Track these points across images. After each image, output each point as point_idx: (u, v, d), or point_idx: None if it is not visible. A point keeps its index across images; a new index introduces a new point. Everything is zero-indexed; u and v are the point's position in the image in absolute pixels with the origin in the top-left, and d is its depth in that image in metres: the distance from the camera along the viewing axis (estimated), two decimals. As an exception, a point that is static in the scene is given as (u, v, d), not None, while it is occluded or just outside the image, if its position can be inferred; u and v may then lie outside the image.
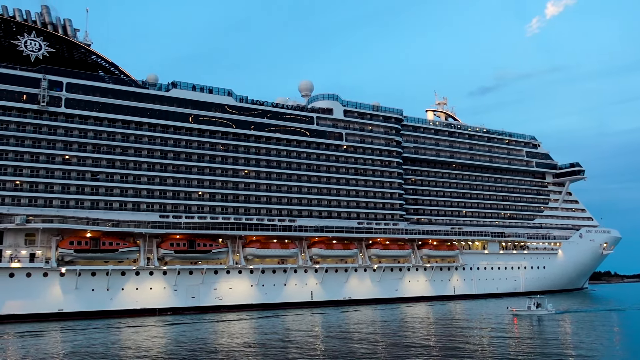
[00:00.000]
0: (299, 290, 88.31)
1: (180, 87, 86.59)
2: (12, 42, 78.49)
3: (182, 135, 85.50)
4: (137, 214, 79.51)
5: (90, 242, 73.57)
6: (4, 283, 69.05)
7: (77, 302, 72.70)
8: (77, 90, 79.06)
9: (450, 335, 48.13)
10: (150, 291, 77.53)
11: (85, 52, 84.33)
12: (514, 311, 69.16)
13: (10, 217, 70.92)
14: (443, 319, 64.78)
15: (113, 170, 79.73)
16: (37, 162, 75.44)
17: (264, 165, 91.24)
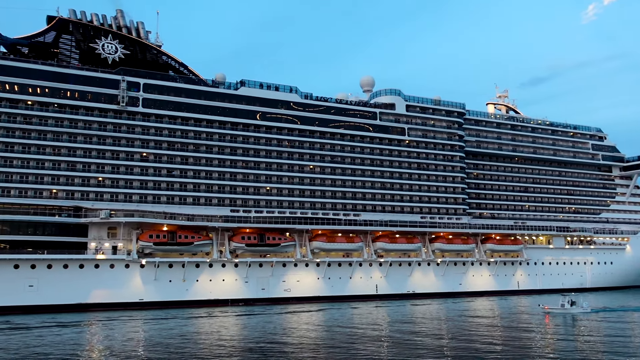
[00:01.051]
0: (364, 283, 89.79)
1: (248, 86, 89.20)
2: (91, 45, 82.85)
3: (250, 132, 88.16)
4: (209, 208, 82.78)
5: (168, 235, 77.24)
6: (90, 274, 73.48)
7: (156, 293, 76.52)
8: (153, 91, 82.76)
9: (466, 333, 47.27)
10: (223, 282, 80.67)
11: (156, 53, 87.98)
12: (546, 309, 66.81)
13: (94, 211, 75.34)
14: (471, 315, 63.94)
15: (186, 167, 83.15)
16: (118, 159, 79.63)
17: (329, 160, 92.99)
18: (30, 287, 70.38)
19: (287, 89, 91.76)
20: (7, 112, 74.75)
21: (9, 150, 74.23)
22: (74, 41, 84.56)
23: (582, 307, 65.89)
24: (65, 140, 77.20)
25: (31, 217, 71.95)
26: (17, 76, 75.74)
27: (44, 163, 75.75)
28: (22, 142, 74.98)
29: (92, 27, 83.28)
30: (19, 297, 69.53)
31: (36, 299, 70.14)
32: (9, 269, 69.71)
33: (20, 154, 74.67)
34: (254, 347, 40.32)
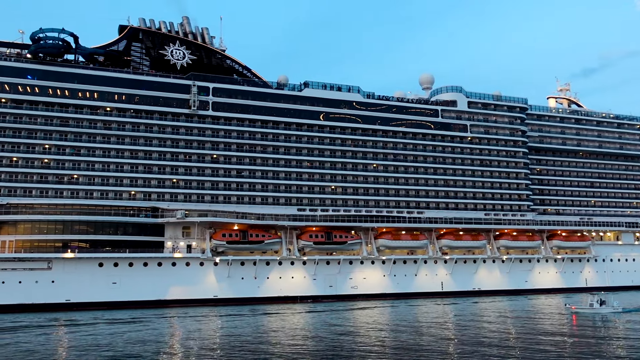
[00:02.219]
0: (429, 281, 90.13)
1: (312, 87, 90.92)
2: (161, 52, 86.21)
3: (315, 132, 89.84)
4: (277, 207, 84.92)
5: (240, 234, 79.77)
6: (168, 271, 76.78)
7: (230, 289, 79.19)
8: (222, 94, 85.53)
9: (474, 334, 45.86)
10: (292, 280, 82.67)
11: (221, 57, 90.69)
12: (574, 309, 63.56)
13: (170, 212, 78.60)
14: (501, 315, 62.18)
15: (255, 167, 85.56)
16: (190, 161, 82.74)
17: (391, 158, 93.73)
18: (114, 284, 74.15)
19: (349, 89, 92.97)
20: (89, 119, 78.87)
21: (90, 155, 78.34)
22: (143, 48, 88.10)
23: (612, 306, 62.35)
24: (141, 144, 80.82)
25: (113, 217, 75.79)
26: (96, 84, 79.82)
27: (123, 166, 79.55)
28: (102, 146, 79.02)
29: (160, 35, 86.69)
30: (103, 293, 73.39)
31: (119, 295, 73.83)
32: (94, 267, 73.67)
33: (101, 157, 78.67)
34: (327, 343, 41.46)
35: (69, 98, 78.39)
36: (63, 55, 79.87)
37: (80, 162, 77.58)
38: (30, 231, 72.68)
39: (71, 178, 76.91)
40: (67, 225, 73.95)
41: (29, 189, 74.73)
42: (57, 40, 77.99)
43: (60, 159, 76.78)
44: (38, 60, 78.03)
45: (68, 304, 71.48)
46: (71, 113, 78.32)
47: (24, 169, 75.05)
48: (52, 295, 71.23)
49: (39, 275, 71.36)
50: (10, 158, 74.85)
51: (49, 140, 76.89)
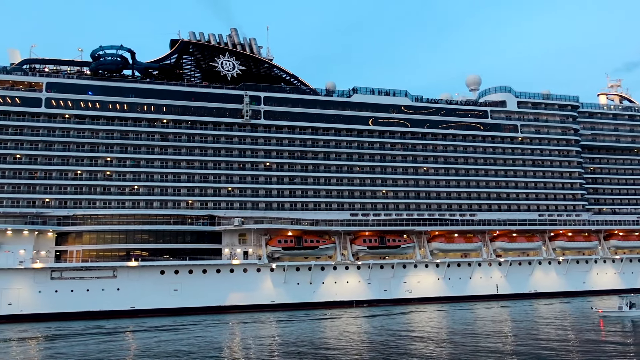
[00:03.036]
0: (484, 283, 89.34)
1: (360, 92, 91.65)
2: (211, 64, 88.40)
3: (364, 138, 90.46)
4: (330, 213, 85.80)
5: (295, 240, 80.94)
6: (226, 278, 78.50)
7: (286, 295, 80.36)
8: (273, 103, 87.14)
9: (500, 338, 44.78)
10: (347, 284, 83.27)
11: (269, 66, 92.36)
12: (600, 312, 59.96)
13: (227, 219, 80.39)
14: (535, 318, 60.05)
15: (307, 174, 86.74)
16: (244, 169, 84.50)
17: (441, 161, 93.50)
18: (175, 290, 76.29)
19: (398, 93, 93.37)
20: (147, 131, 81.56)
21: (149, 166, 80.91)
22: (194, 61, 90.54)
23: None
24: (197, 154, 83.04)
25: (172, 226, 78.06)
26: (152, 97, 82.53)
27: (180, 176, 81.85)
28: (160, 157, 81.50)
29: (210, 47, 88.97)
30: (166, 300, 75.59)
31: (180, 302, 75.93)
32: (156, 274, 76.00)
33: (159, 168, 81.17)
34: (388, 347, 41.65)
35: (127, 112, 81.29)
36: (121, 70, 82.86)
37: (140, 173, 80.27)
38: (96, 241, 75.59)
39: (132, 189, 79.63)
40: (130, 235, 76.64)
41: (93, 201, 77.66)
42: (115, 57, 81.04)
43: (121, 170, 79.62)
44: (98, 76, 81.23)
45: (133, 310, 73.91)
46: (130, 126, 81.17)
47: (88, 181, 78.10)
48: (117, 303, 73.83)
49: (105, 284, 74.09)
50: (74, 171, 78.04)
51: (111, 153, 79.83)
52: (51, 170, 77.06)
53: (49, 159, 77.49)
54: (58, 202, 76.19)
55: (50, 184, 76.48)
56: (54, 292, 72.34)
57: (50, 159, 77.51)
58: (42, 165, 76.89)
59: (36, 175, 76.56)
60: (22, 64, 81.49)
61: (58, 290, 72.48)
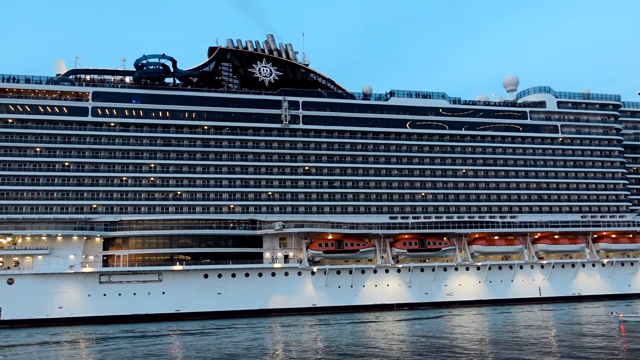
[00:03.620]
0: (526, 286, 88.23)
1: (398, 95, 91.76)
2: (249, 70, 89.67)
3: (402, 141, 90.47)
4: (370, 216, 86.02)
5: (335, 243, 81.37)
6: (268, 281, 79.37)
7: (327, 298, 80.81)
8: (311, 108, 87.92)
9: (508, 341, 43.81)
10: (388, 287, 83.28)
11: (305, 71, 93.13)
12: (621, 317, 58.22)
13: (268, 223, 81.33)
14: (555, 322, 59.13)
15: (345, 178, 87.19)
16: (284, 174, 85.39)
17: (480, 163, 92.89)
18: (219, 294, 77.46)
19: (435, 96, 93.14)
20: (189, 138, 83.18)
21: (192, 172, 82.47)
22: (231, 67, 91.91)
23: None
24: (238, 159, 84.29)
25: (214, 230, 79.31)
26: (193, 104, 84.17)
27: (221, 181, 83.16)
28: (202, 163, 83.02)
29: (248, 54, 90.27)
30: (209, 303, 76.81)
31: (224, 305, 77.05)
32: (200, 278, 77.32)
33: (201, 174, 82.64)
34: (435, 350, 41.42)
35: (169, 119, 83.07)
36: (163, 79, 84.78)
37: (182, 179, 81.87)
38: (141, 246, 77.32)
39: (175, 194, 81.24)
40: (173, 240, 78.21)
41: (138, 206, 79.52)
42: (158, 65, 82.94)
43: (164, 176, 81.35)
44: (141, 85, 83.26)
45: (178, 314, 75.33)
46: (172, 133, 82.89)
47: (133, 187, 79.99)
48: (163, 306, 75.38)
49: (151, 287, 75.72)
50: (120, 178, 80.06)
51: (154, 159, 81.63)
52: (98, 177, 79.20)
53: (96, 166, 79.70)
54: (105, 208, 78.29)
55: (98, 191, 78.63)
56: (102, 295, 74.27)
57: (97, 166, 79.71)
58: (89, 172, 79.11)
59: (84, 182, 78.76)
60: (68, 74, 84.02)
61: (106, 294, 74.39)
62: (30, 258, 73.60)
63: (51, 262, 73.42)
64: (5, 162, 76.87)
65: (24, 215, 75.05)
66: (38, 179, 77.40)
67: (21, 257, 73.76)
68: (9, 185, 76.32)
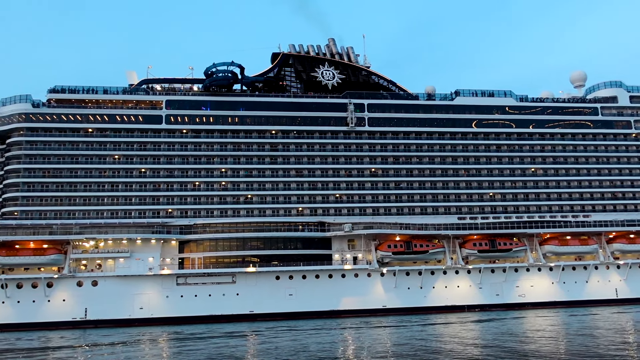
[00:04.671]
0: (601, 288, 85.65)
1: (463, 95, 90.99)
2: (312, 74, 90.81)
3: (468, 140, 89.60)
4: (437, 217, 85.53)
5: (404, 244, 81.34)
6: (338, 283, 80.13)
7: (397, 299, 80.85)
8: (376, 110, 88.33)
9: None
10: (458, 289, 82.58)
11: (366, 74, 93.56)
12: None
13: (336, 225, 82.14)
14: None
15: (412, 179, 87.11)
16: (351, 176, 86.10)
17: (550, 161, 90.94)
18: (290, 295, 78.77)
19: (501, 94, 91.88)
20: (257, 142, 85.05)
21: (261, 175, 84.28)
22: (294, 72, 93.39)
23: None
24: (305, 163, 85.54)
25: (285, 233, 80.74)
26: (261, 109, 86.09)
27: (290, 184, 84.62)
28: (270, 167, 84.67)
29: (310, 58, 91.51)
30: (281, 304, 78.21)
31: (295, 306, 78.28)
32: (272, 280, 78.84)
33: (270, 177, 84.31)
34: (504, 353, 40.39)
35: (238, 124, 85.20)
36: (232, 86, 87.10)
37: (253, 182, 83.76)
38: (215, 248, 79.50)
39: (246, 198, 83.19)
40: (245, 242, 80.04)
41: (211, 210, 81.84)
42: (226, 73, 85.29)
43: (235, 180, 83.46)
44: (211, 92, 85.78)
45: (251, 314, 77.06)
46: (242, 138, 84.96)
47: (206, 191, 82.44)
48: (237, 307, 77.24)
49: (225, 289, 77.74)
50: (193, 183, 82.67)
51: (225, 164, 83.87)
52: (173, 182, 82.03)
53: (170, 172, 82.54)
54: (180, 212, 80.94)
55: (172, 195, 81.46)
56: (179, 297, 76.80)
57: (171, 171, 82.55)
58: (164, 178, 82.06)
59: (159, 187, 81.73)
60: (141, 84, 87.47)
61: (183, 295, 76.86)
62: (112, 261, 76.89)
63: (132, 264, 76.48)
64: (87, 169, 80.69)
65: (105, 220, 78.53)
66: (117, 185, 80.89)
67: (104, 260, 77.14)
68: (90, 191, 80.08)
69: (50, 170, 79.87)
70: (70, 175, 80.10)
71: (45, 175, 79.62)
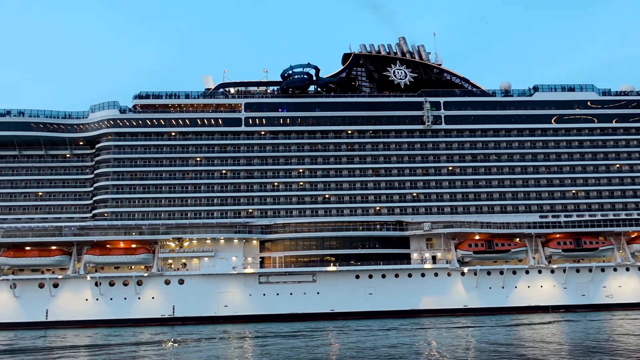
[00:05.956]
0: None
1: (542, 90, 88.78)
2: (384, 73, 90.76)
3: (548, 137, 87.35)
4: (517, 215, 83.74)
5: (485, 243, 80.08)
6: (417, 282, 79.73)
7: (478, 299, 79.69)
8: (452, 107, 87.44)
9: None
10: (541, 289, 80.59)
11: (438, 71, 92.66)
12: None
13: (414, 224, 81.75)
14: None
15: (491, 176, 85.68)
16: (427, 175, 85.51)
17: (636, 157, 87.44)
18: (370, 294, 78.97)
19: (581, 88, 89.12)
20: (333, 142, 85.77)
21: (338, 175, 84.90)
22: (364, 72, 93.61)
23: None
24: (381, 162, 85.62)
25: (364, 232, 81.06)
26: (336, 110, 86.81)
27: (367, 184, 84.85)
28: (347, 167, 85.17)
29: (381, 57, 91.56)
30: (361, 303, 78.49)
31: (375, 305, 78.40)
32: (352, 279, 79.28)
33: (347, 177, 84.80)
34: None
35: (314, 125, 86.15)
36: (308, 87, 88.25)
37: (330, 182, 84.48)
38: (294, 247, 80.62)
39: (324, 198, 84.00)
40: (324, 241, 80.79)
41: (290, 210, 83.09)
42: (303, 75, 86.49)
43: (313, 181, 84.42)
44: (287, 94, 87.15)
45: (332, 313, 77.69)
46: (318, 139, 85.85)
47: (285, 192, 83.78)
48: (318, 306, 78.06)
49: (306, 288, 78.74)
50: (272, 183, 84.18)
51: (302, 165, 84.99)
52: (252, 183, 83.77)
53: (250, 173, 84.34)
54: (260, 212, 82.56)
55: (252, 196, 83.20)
56: (262, 295, 78.33)
57: (251, 172, 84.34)
58: (244, 179, 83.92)
59: (240, 188, 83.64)
60: (218, 88, 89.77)
61: (266, 293, 78.34)
62: (197, 260, 79.27)
63: (216, 263, 78.64)
64: (171, 172, 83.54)
65: (190, 221, 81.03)
66: (200, 187, 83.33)
67: (188, 259, 79.62)
68: (174, 193, 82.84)
69: (137, 173, 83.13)
70: (155, 177, 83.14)
71: (133, 178, 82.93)
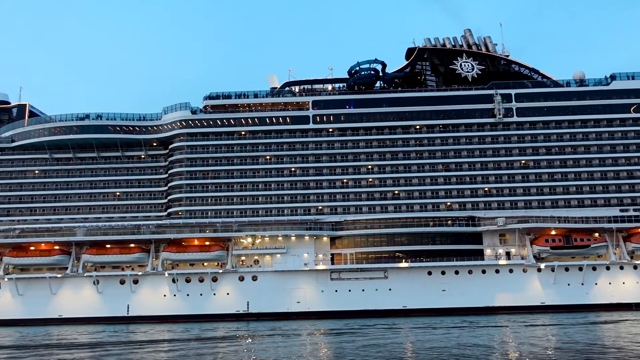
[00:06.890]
0: None
1: (620, 78, 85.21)
2: (450, 67, 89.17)
3: (627, 127, 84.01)
4: (596, 209, 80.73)
5: (563, 239, 77.61)
6: (491, 278, 78.11)
7: (556, 296, 77.38)
8: (524, 99, 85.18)
9: None
10: (623, 285, 77.50)
11: (506, 63, 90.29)
12: None
13: (487, 220, 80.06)
14: None
15: (566, 170, 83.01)
16: (500, 169, 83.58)
17: None
18: (443, 291, 77.96)
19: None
20: (402, 138, 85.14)
21: (407, 171, 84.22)
22: (429, 66, 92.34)
23: None
24: (451, 157, 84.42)
25: (435, 228, 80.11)
26: (403, 105, 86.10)
27: (437, 179, 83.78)
28: (416, 162, 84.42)
29: (447, 51, 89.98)
30: (434, 300, 77.58)
31: (448, 302, 77.30)
32: (424, 275, 78.50)
33: (417, 173, 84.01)
34: None
35: (381, 121, 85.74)
36: (375, 83, 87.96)
37: (399, 178, 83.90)
38: (365, 244, 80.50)
39: (393, 194, 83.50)
40: (394, 238, 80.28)
41: (359, 206, 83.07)
42: (369, 71, 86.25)
43: (382, 177, 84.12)
44: (354, 90, 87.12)
45: (404, 310, 77.16)
46: (386, 134, 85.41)
47: (354, 189, 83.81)
48: (390, 302, 77.68)
49: (377, 284, 78.53)
50: (341, 180, 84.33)
51: (371, 161, 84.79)
52: (321, 180, 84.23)
53: (319, 170, 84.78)
54: (330, 209, 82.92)
55: (322, 193, 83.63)
56: (334, 291, 78.65)
57: (319, 170, 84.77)
58: (313, 176, 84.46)
59: (309, 185, 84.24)
60: (284, 86, 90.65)
61: (338, 290, 78.63)
62: (269, 257, 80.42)
63: (288, 260, 79.55)
64: (242, 170, 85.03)
65: (262, 218, 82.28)
66: (270, 185, 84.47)
67: (261, 256, 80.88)
68: (245, 191, 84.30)
69: (209, 172, 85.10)
70: (227, 176, 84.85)
71: (205, 177, 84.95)
